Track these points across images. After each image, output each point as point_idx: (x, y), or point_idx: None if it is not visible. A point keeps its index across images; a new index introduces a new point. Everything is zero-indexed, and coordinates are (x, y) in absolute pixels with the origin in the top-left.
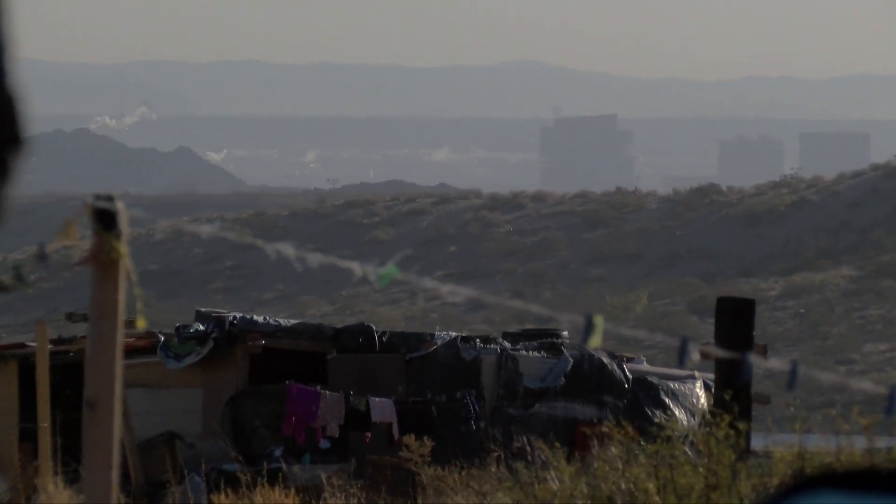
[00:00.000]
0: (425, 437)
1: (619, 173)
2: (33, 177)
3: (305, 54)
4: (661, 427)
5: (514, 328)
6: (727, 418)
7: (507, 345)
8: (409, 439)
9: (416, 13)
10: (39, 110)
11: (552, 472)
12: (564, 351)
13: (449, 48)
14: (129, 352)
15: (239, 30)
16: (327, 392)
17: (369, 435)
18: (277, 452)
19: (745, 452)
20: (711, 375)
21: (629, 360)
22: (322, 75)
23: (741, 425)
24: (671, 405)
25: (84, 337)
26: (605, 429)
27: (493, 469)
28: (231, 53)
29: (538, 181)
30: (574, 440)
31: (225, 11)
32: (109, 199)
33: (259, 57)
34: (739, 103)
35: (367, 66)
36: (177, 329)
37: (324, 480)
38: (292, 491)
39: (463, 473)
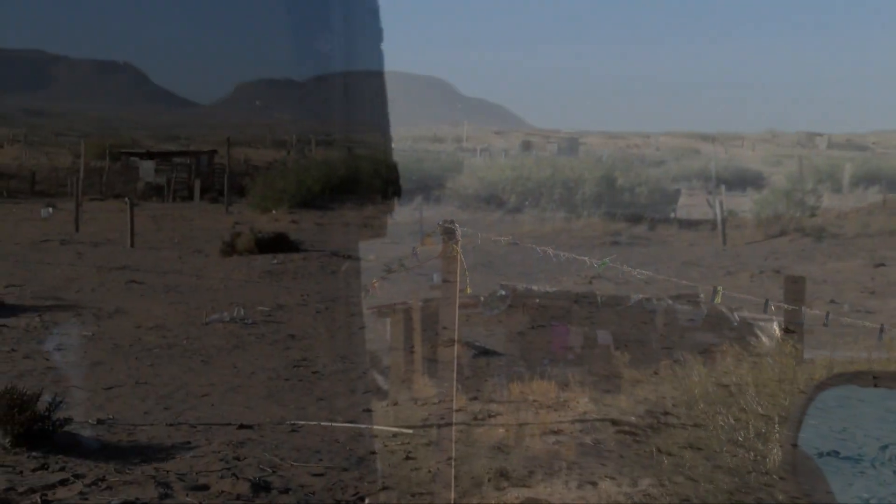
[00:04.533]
0: None
1: None
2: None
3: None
4: (754, 347)
5: (672, 293)
6: (790, 340)
7: (670, 301)
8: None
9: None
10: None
11: (696, 370)
12: (701, 305)
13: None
14: (461, 306)
15: None
16: (573, 328)
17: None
18: (546, 362)
19: (800, 360)
20: (782, 318)
21: (737, 309)
22: None
23: (798, 346)
24: (760, 334)
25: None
26: (724, 348)
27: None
28: None
29: None
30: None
31: None
32: (451, 222)
33: None
34: None
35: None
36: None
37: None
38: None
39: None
